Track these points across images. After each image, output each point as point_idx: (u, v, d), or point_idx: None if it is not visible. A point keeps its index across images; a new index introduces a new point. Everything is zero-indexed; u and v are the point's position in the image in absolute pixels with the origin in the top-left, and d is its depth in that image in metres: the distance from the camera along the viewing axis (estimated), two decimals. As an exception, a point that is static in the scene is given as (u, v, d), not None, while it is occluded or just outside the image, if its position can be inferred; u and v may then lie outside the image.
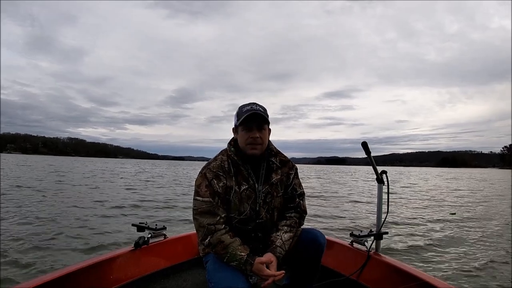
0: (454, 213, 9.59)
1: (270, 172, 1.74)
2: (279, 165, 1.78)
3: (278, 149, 1.82)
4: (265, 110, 1.69)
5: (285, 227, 1.71)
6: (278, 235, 1.68)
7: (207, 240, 1.58)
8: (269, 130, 1.74)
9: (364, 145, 2.04)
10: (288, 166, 1.80)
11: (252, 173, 1.70)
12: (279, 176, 1.75)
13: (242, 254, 1.54)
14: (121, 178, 21.58)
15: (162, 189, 14.48)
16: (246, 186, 1.67)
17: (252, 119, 1.64)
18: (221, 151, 1.76)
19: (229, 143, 1.75)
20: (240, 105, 1.72)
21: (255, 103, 1.69)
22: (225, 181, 1.64)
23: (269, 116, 1.70)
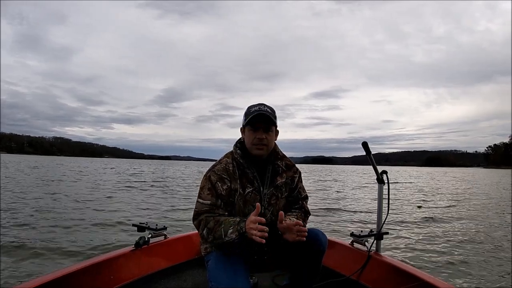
0: (420, 207, 10.02)
1: (275, 175, 1.75)
2: (285, 168, 1.79)
3: (284, 153, 1.83)
4: (273, 111, 1.69)
5: (293, 214, 1.75)
6: (287, 218, 1.67)
7: (205, 229, 1.57)
8: (277, 132, 1.74)
9: (365, 145, 2.05)
10: (292, 170, 1.82)
11: (257, 175, 1.70)
12: (283, 180, 1.77)
13: (236, 219, 1.54)
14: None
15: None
16: (251, 189, 1.67)
17: (259, 120, 1.64)
18: (226, 154, 1.76)
19: (235, 145, 1.75)
20: (249, 105, 1.71)
21: (263, 104, 1.69)
22: (229, 184, 1.64)
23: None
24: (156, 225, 2.44)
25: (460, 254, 4.92)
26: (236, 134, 1.82)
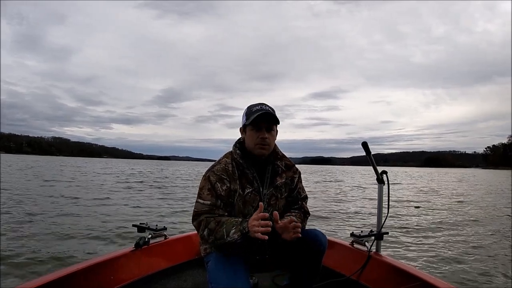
0: (419, 207, 10.09)
1: (275, 175, 1.74)
2: (284, 168, 1.78)
3: (283, 153, 1.82)
4: (273, 111, 1.68)
5: (292, 214, 1.72)
6: (285, 217, 1.66)
7: (206, 230, 1.55)
8: (276, 131, 1.74)
9: (364, 145, 2.04)
10: (292, 170, 1.82)
11: (257, 176, 1.69)
12: (283, 180, 1.76)
13: (238, 219, 1.54)
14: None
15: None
16: (251, 189, 1.66)
17: (262, 119, 1.63)
18: (226, 154, 1.75)
19: (235, 145, 1.74)
20: (249, 105, 1.71)
21: (264, 103, 1.68)
22: (228, 185, 1.63)
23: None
24: (156, 225, 2.44)
25: (460, 255, 4.93)
26: (235, 135, 1.68)
